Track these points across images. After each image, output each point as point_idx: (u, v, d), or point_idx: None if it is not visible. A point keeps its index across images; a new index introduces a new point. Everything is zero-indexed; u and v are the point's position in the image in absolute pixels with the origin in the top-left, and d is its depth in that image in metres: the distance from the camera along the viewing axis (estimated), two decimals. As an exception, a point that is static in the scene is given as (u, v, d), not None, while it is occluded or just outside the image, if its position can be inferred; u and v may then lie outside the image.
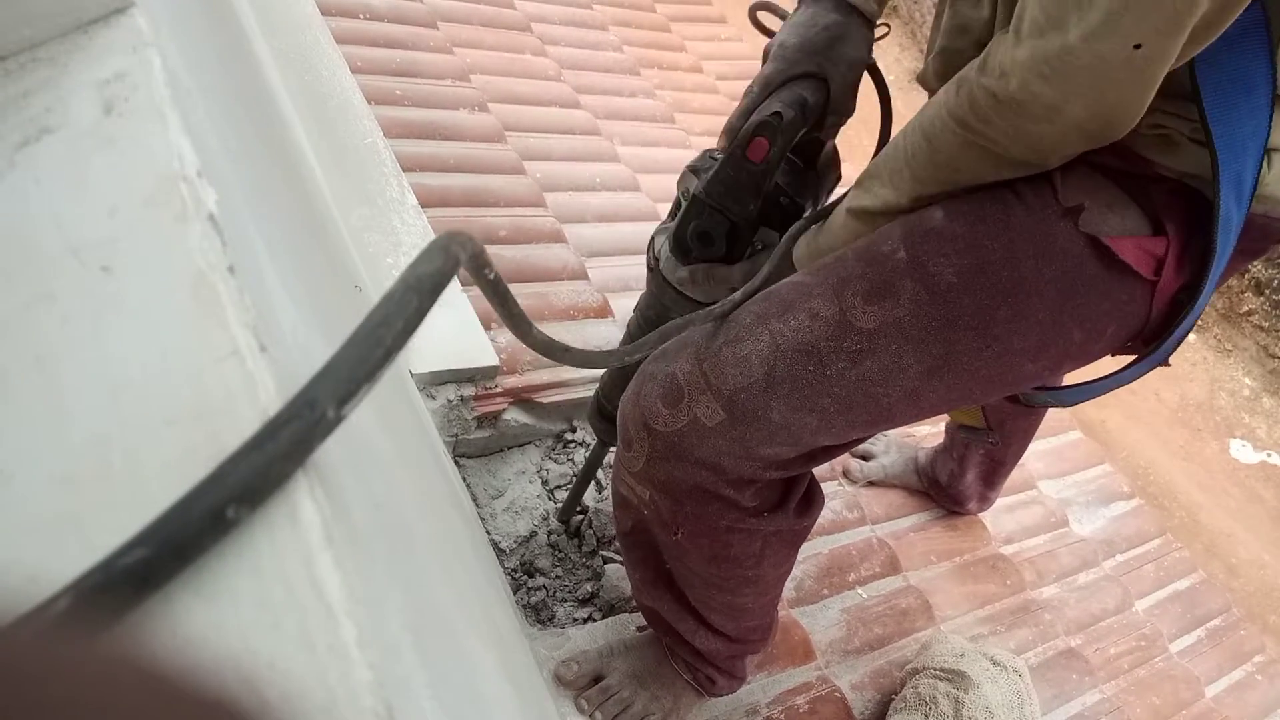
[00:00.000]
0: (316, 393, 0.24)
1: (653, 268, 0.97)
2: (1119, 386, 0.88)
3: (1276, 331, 4.08)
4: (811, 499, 0.94)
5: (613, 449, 1.42)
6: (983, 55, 0.69)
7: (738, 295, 0.83)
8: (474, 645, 0.45)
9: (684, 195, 0.92)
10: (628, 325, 1.09)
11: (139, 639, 0.22)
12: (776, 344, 0.78)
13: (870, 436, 0.89)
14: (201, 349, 0.24)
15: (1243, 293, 4.16)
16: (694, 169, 0.92)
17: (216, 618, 0.21)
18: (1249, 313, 4.13)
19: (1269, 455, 3.69)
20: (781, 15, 0.97)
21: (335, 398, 0.24)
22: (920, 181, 0.77)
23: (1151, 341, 0.83)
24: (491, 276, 0.38)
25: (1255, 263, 4.15)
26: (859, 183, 0.83)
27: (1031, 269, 0.75)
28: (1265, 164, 0.71)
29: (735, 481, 0.83)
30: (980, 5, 0.77)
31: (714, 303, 0.90)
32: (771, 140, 0.82)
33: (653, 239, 0.99)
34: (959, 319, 0.76)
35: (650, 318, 1.01)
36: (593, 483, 1.40)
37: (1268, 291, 4.08)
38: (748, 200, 0.85)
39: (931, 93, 0.91)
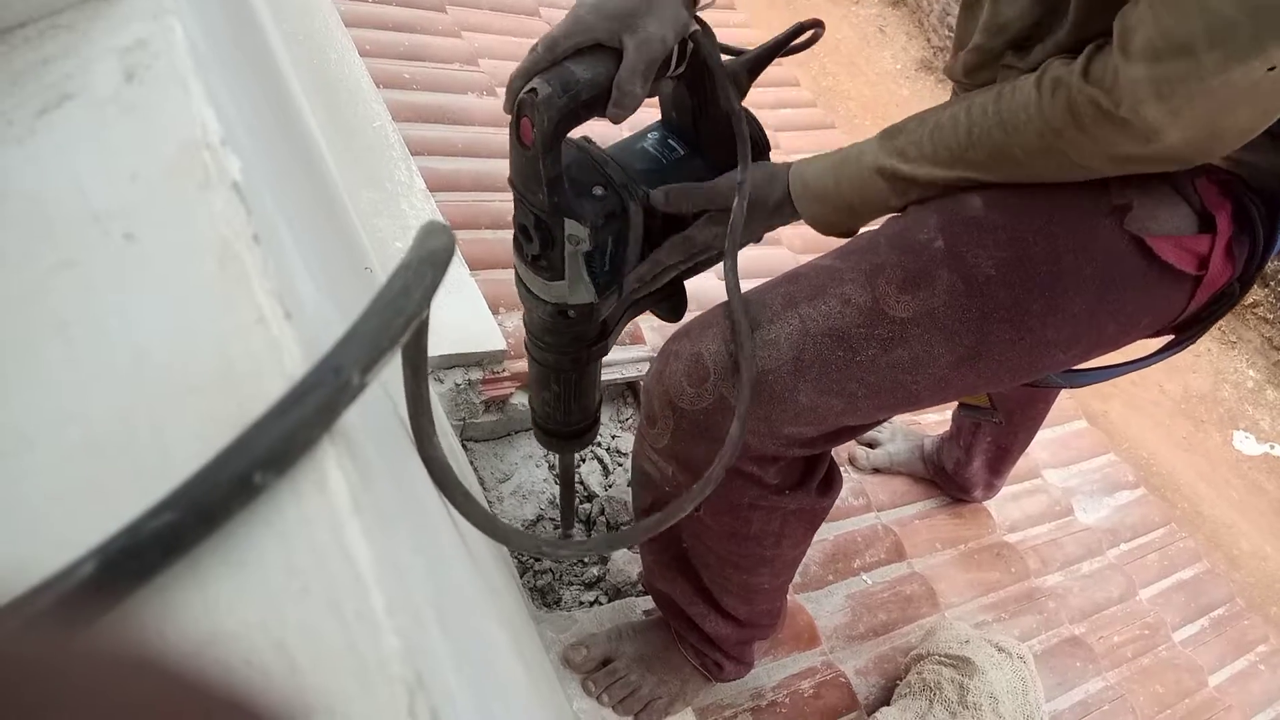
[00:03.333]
0: (341, 359, 0.24)
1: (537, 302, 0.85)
2: (1137, 370, 0.87)
3: (1281, 323, 4.07)
4: (832, 479, 0.94)
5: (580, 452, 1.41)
6: (1082, 62, 0.66)
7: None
8: (488, 622, 0.45)
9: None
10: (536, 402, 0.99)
11: (145, 630, 0.21)
12: (806, 328, 0.78)
13: (891, 417, 0.88)
14: (226, 317, 0.24)
15: (1249, 284, 4.15)
16: None
17: (244, 583, 0.21)
18: (1254, 305, 4.11)
19: (1272, 447, 3.69)
20: None
21: (360, 364, 0.24)
22: (978, 169, 0.74)
23: (1186, 328, 0.83)
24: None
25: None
26: (890, 139, 0.77)
27: (1071, 264, 0.74)
28: None
29: (759, 459, 0.83)
30: (1017, 3, 0.75)
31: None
32: (534, 121, 0.70)
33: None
34: (994, 311, 0.75)
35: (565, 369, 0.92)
36: (600, 469, 1.40)
37: (1273, 284, 4.06)
38: (535, 188, 0.74)
39: (960, 86, 0.89)
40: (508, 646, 0.53)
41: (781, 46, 0.88)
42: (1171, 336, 0.87)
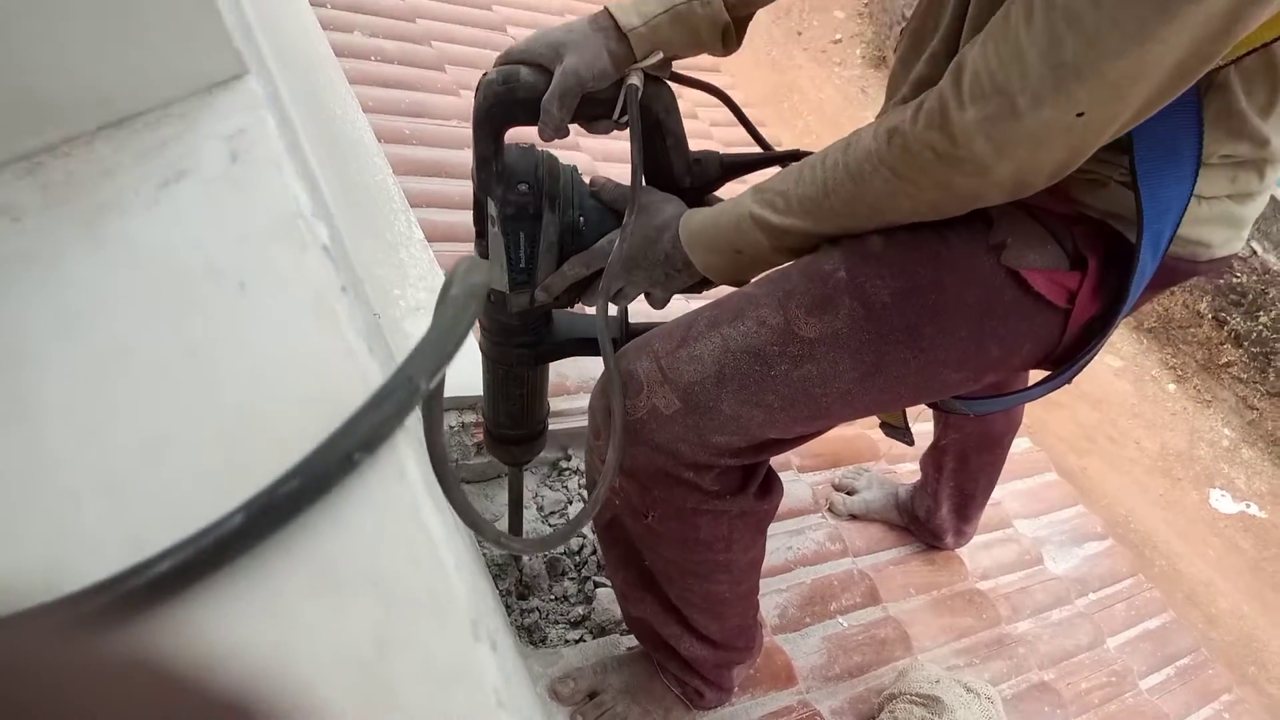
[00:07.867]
0: (412, 369, 0.31)
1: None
2: (1028, 401, 0.96)
3: (1255, 383, 4.14)
4: (770, 485, 1.01)
5: (531, 471, 1.48)
6: (916, 108, 0.73)
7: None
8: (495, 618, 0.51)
9: None
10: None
11: (154, 639, 0.27)
12: (727, 345, 0.86)
13: (814, 434, 0.95)
14: (323, 351, 0.31)
15: (1222, 344, 4.23)
16: None
17: (351, 543, 0.28)
18: (1228, 364, 4.20)
19: (1248, 506, 3.73)
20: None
21: (425, 373, 0.31)
22: (839, 218, 0.82)
23: (1063, 362, 0.91)
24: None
25: (1234, 315, 4.24)
26: (761, 193, 0.85)
27: (955, 294, 0.84)
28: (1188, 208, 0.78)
29: (693, 465, 0.90)
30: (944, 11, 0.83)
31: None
32: (475, 99, 0.84)
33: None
34: (890, 333, 0.84)
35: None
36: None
37: (1246, 344, 4.16)
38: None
39: (894, 80, 0.95)
40: (511, 648, 0.59)
41: (766, 163, 0.99)
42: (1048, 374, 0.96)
